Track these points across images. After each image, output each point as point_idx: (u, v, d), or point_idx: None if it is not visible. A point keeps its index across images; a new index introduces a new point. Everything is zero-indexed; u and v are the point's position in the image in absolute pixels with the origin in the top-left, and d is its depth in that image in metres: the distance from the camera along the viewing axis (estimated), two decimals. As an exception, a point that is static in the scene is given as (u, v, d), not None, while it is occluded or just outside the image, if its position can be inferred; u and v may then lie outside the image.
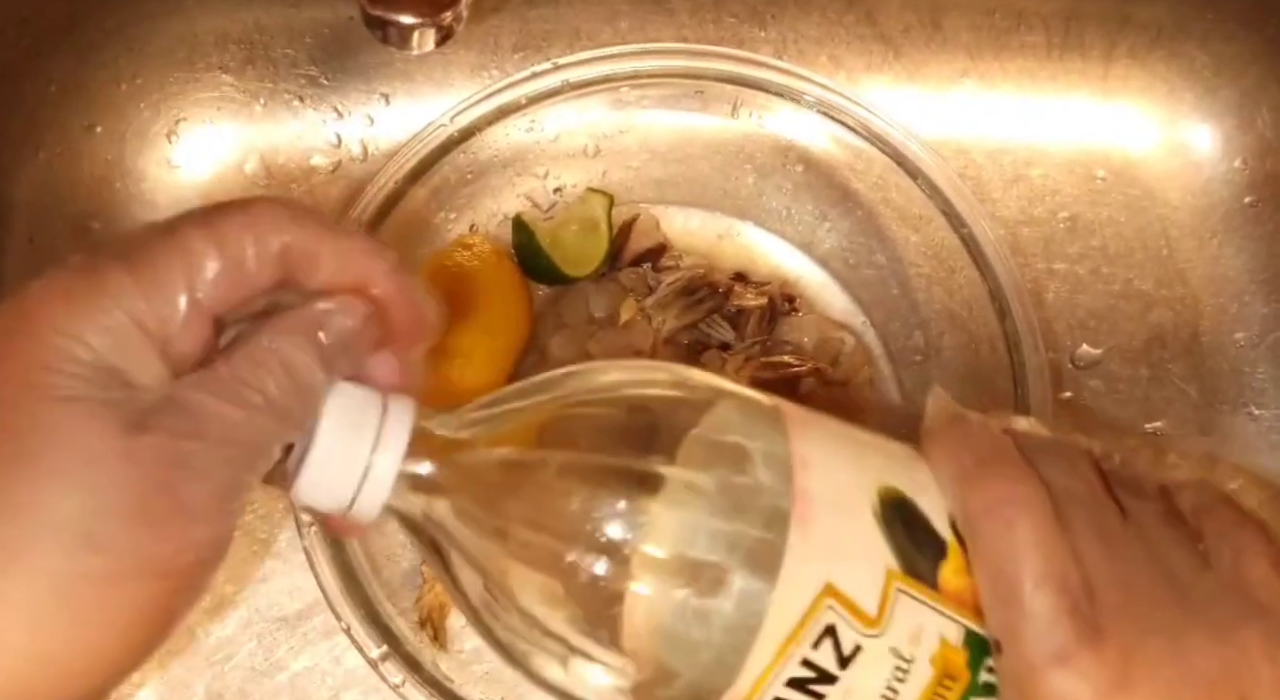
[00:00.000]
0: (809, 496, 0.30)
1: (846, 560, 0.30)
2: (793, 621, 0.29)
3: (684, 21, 0.63)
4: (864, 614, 0.29)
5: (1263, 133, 0.62)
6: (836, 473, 0.31)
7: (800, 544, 0.29)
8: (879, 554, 0.30)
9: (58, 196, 0.59)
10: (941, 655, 0.30)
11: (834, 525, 0.30)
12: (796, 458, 0.30)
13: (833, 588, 0.29)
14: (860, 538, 0.30)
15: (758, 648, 0.29)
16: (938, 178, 0.56)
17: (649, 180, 0.62)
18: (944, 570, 0.30)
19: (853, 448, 0.32)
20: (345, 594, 0.51)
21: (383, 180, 0.56)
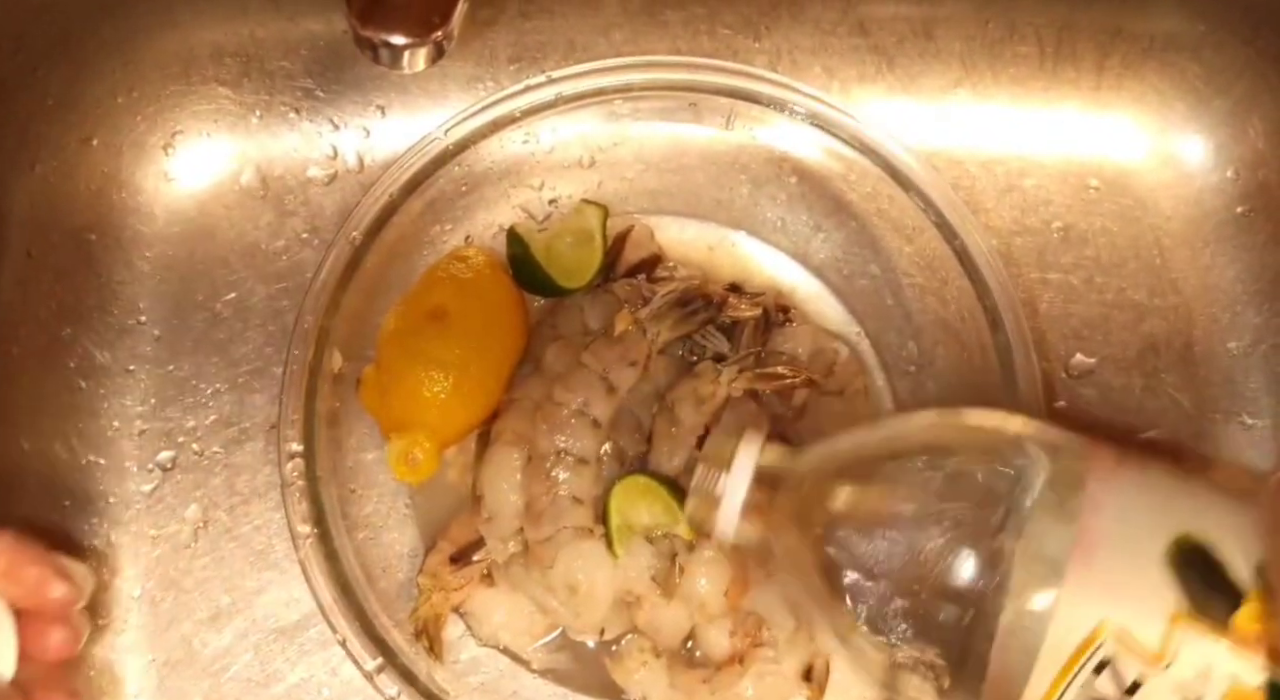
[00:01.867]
0: (1091, 537, 0.33)
1: (1127, 599, 0.33)
2: (1068, 651, 0.33)
3: (678, 33, 0.63)
4: (1144, 650, 0.33)
5: (1254, 143, 0.62)
6: (1129, 517, 0.34)
7: (1077, 581, 0.33)
8: (1164, 596, 0.33)
9: (55, 209, 0.60)
10: (1235, 693, 0.33)
11: (1116, 565, 0.33)
12: (1088, 500, 0.34)
13: (1109, 623, 0.33)
14: (1144, 579, 0.33)
15: (1036, 673, 0.33)
16: (930, 189, 0.56)
17: (643, 191, 0.62)
18: (1243, 615, 0.33)
19: (1160, 495, 0.35)
20: (341, 606, 0.52)
21: (378, 192, 0.56)
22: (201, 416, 0.59)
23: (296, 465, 0.53)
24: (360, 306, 0.56)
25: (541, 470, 0.52)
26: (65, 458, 0.58)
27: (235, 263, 0.61)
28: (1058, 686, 0.34)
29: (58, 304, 0.59)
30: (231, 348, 0.60)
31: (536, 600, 0.54)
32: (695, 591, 0.52)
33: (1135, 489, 0.35)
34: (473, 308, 0.56)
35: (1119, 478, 0.36)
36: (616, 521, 0.52)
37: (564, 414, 0.53)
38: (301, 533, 0.52)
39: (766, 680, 0.53)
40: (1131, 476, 0.36)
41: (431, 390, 0.54)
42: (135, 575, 0.57)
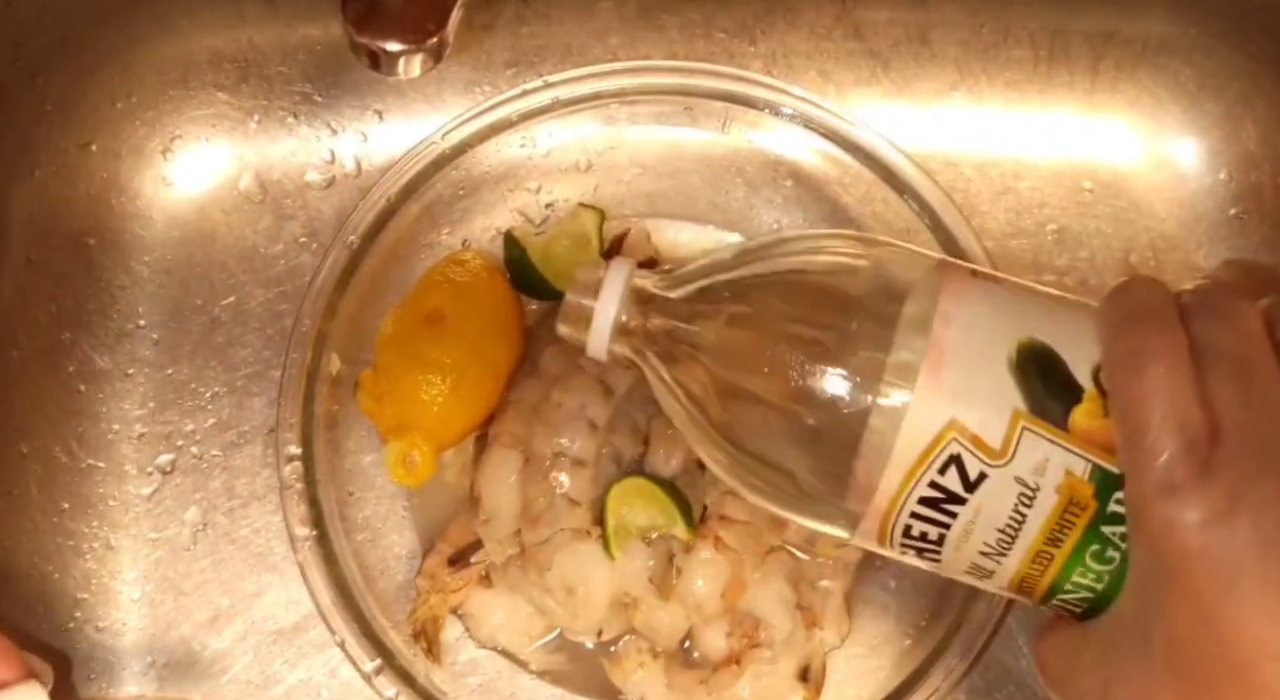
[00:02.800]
0: (940, 346, 0.36)
1: (973, 402, 0.36)
2: (919, 450, 0.36)
3: (674, 38, 0.63)
4: (988, 447, 0.35)
5: (1247, 146, 0.62)
6: (976, 326, 0.37)
7: (927, 387, 0.36)
8: (1007, 397, 0.36)
9: (54, 215, 0.60)
10: (1068, 485, 0.35)
11: (964, 371, 0.36)
12: (939, 312, 0.37)
13: (957, 423, 0.36)
14: (989, 383, 0.36)
15: (888, 471, 0.36)
16: (925, 192, 0.57)
17: (640, 195, 0.62)
18: (1077, 413, 0.35)
19: (1006, 305, 0.38)
20: (340, 607, 0.52)
21: (376, 196, 0.57)
22: (200, 420, 0.59)
23: (295, 468, 0.53)
24: (358, 310, 0.57)
25: (539, 472, 0.53)
26: (65, 461, 0.58)
27: (234, 267, 0.62)
28: (908, 483, 0.36)
29: (57, 308, 0.60)
30: (230, 351, 0.60)
31: (534, 602, 0.54)
32: (692, 592, 0.52)
33: (984, 299, 0.38)
34: (470, 311, 0.56)
35: (970, 290, 0.38)
36: (613, 523, 0.52)
37: (561, 416, 0.53)
38: (300, 535, 0.53)
39: (763, 680, 0.53)
40: (981, 287, 0.38)
41: (429, 393, 0.54)
42: (134, 578, 0.58)
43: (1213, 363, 0.33)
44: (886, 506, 0.37)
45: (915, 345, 0.36)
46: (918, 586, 0.56)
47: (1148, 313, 0.35)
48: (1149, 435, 0.33)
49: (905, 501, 0.37)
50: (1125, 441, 0.34)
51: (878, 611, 0.56)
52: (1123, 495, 0.35)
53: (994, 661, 0.56)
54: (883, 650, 0.56)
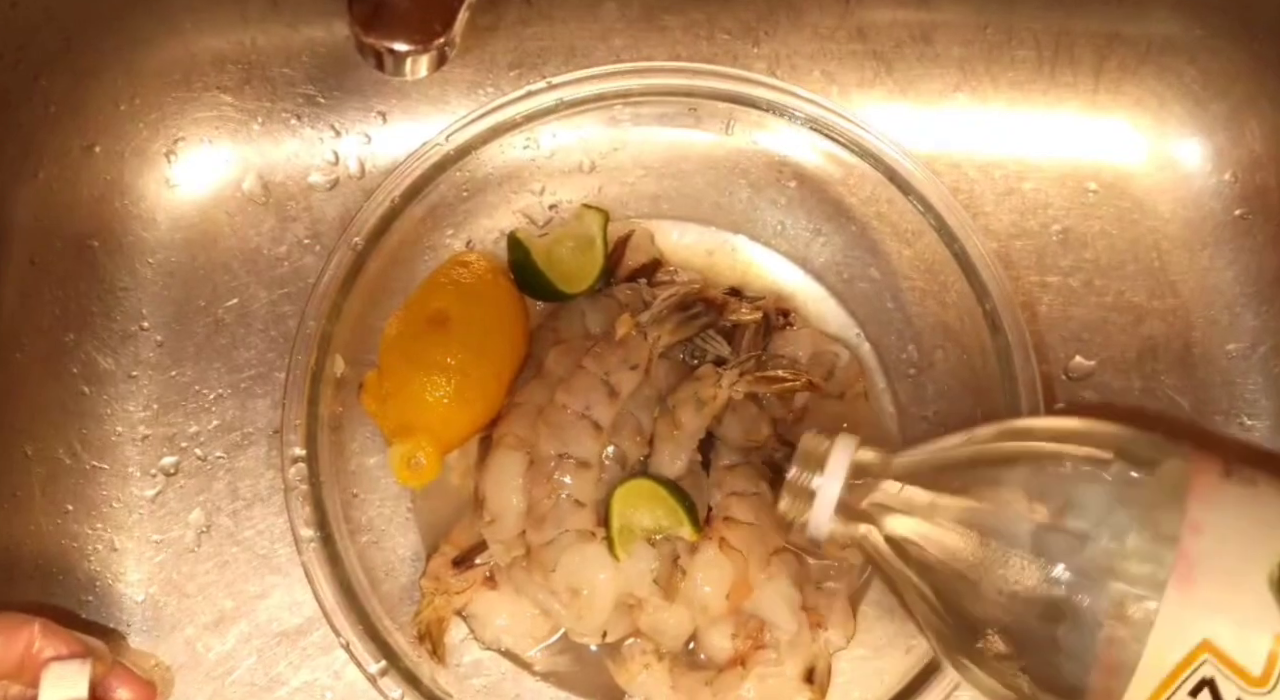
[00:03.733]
0: (1191, 558, 0.34)
1: (1230, 621, 0.33)
2: (1168, 669, 0.33)
3: (678, 39, 0.63)
4: (1246, 673, 0.33)
5: (1252, 146, 0.62)
6: (1232, 538, 0.34)
7: (1177, 602, 0.33)
8: (1269, 618, 0.33)
9: (57, 217, 0.60)
10: None
11: (1219, 587, 0.33)
12: (1189, 520, 0.34)
13: (1211, 644, 0.33)
14: (1248, 601, 0.33)
15: (1132, 689, 0.34)
16: (930, 193, 0.57)
17: (644, 196, 0.62)
18: None
19: (1266, 513, 0.35)
20: (344, 609, 0.52)
21: (380, 198, 0.57)
22: (204, 421, 0.59)
23: (299, 470, 0.53)
24: (362, 312, 0.57)
25: (544, 474, 0.53)
26: (69, 463, 0.58)
27: (237, 268, 0.62)
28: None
29: (61, 310, 0.60)
30: (234, 353, 0.60)
31: (539, 603, 0.54)
32: (697, 594, 0.52)
33: (1239, 505, 0.35)
34: (474, 313, 0.56)
35: (1223, 493, 0.36)
36: (618, 524, 0.52)
37: (566, 418, 0.53)
38: (304, 537, 0.53)
39: (768, 682, 0.53)
40: (1237, 492, 0.36)
41: (434, 395, 0.54)
42: (138, 580, 0.58)
43: None
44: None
45: (1163, 555, 0.34)
46: (923, 588, 0.56)
47: None
48: None
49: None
50: None
51: (883, 613, 0.56)
52: None
53: (999, 663, 0.56)
54: (888, 652, 0.55)
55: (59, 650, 0.47)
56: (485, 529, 0.54)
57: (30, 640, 0.46)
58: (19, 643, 0.46)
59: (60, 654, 0.47)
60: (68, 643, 0.47)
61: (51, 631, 0.47)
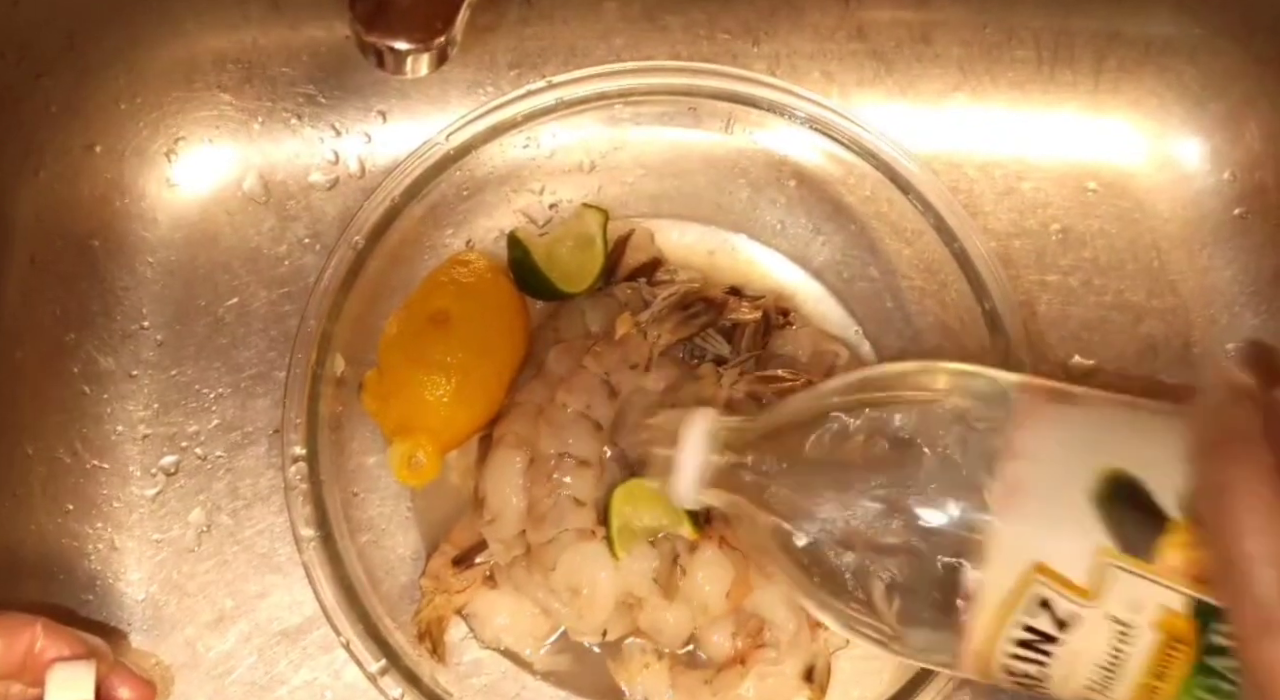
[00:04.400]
0: (1014, 484, 0.35)
1: (1056, 541, 0.34)
2: (1005, 593, 0.35)
3: (677, 38, 0.63)
4: (1075, 587, 0.34)
5: (1251, 146, 0.62)
6: (1052, 459, 0.35)
7: (1006, 528, 0.35)
8: (1091, 534, 0.34)
9: (58, 216, 0.60)
10: (1165, 622, 0.34)
11: (1043, 509, 0.35)
12: (1012, 447, 0.35)
13: (1041, 564, 0.34)
14: (1071, 520, 0.34)
15: (979, 615, 0.35)
16: (929, 192, 0.57)
17: (644, 195, 0.62)
18: (1167, 545, 0.34)
19: (1084, 431, 0.36)
20: (344, 608, 0.52)
21: (380, 197, 0.57)
22: (204, 421, 0.59)
23: (299, 469, 0.53)
24: (362, 311, 0.57)
25: (544, 473, 0.53)
26: (69, 462, 0.58)
27: (238, 268, 0.62)
28: (1000, 626, 0.35)
29: (61, 310, 0.60)
30: (234, 352, 0.60)
31: (539, 602, 0.54)
32: (697, 593, 0.52)
33: (1059, 427, 0.36)
34: (474, 312, 0.56)
35: (1045, 417, 0.37)
36: (618, 523, 0.52)
37: (566, 417, 0.53)
38: (305, 536, 0.53)
39: (768, 681, 0.53)
40: (1057, 413, 0.37)
41: (434, 394, 0.54)
42: (139, 579, 0.58)
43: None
44: (982, 648, 0.36)
45: (991, 484, 0.35)
46: (922, 587, 0.56)
47: (1237, 433, 0.33)
48: (1243, 570, 0.31)
49: (1000, 643, 0.36)
50: (1220, 577, 0.33)
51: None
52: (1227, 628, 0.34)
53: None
54: (887, 651, 0.56)
55: (62, 651, 0.47)
56: (485, 528, 0.54)
57: (32, 640, 0.46)
58: (21, 643, 0.46)
59: (63, 654, 0.47)
60: (70, 643, 0.47)
61: (54, 631, 0.47)
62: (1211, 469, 0.33)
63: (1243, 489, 0.32)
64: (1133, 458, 0.35)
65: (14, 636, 0.46)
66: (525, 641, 0.55)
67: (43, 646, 0.47)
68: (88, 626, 0.52)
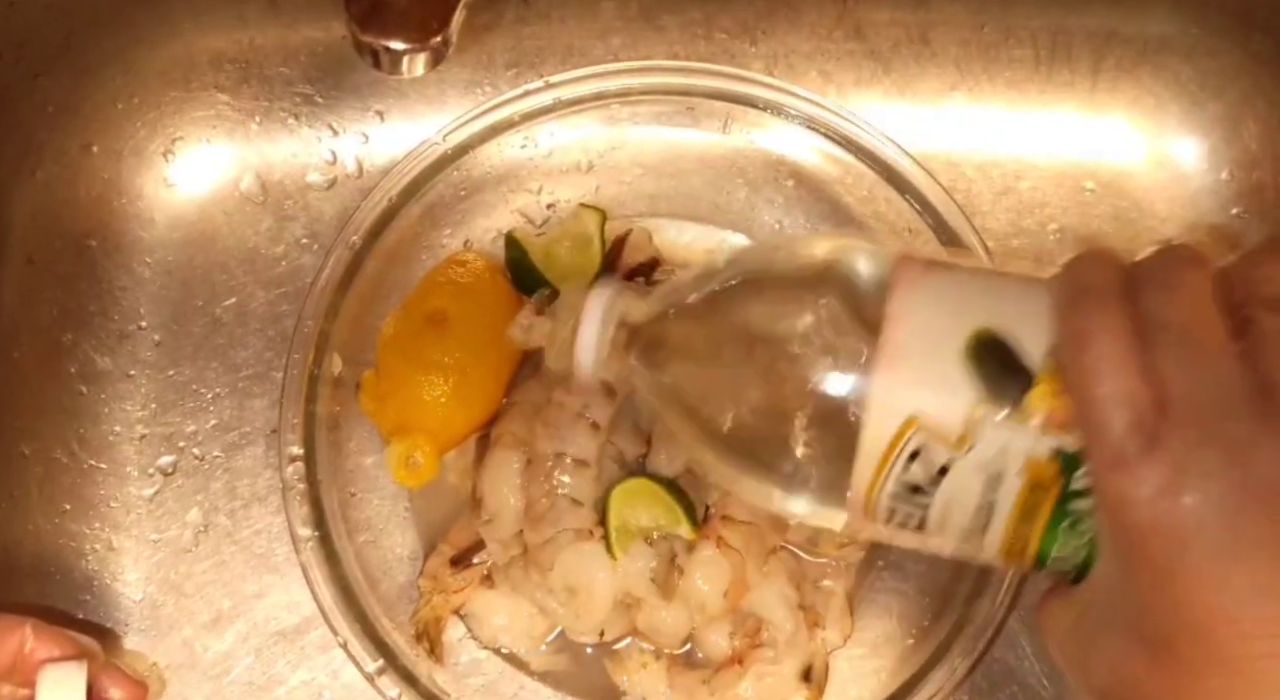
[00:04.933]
0: (893, 342, 0.37)
1: (930, 395, 0.37)
2: (884, 445, 0.37)
3: (675, 38, 0.63)
4: (947, 438, 0.36)
5: (1249, 145, 0.62)
6: (927, 321, 0.37)
7: (885, 381, 0.37)
8: (962, 388, 0.36)
9: (56, 216, 0.60)
10: (1030, 467, 0.36)
11: (918, 366, 0.37)
12: (890, 310, 0.37)
13: (916, 418, 0.36)
14: (944, 375, 0.36)
15: (859, 466, 0.38)
16: (927, 192, 0.57)
17: (642, 195, 0.62)
18: (1033, 395, 0.36)
19: (957, 295, 0.38)
20: (342, 608, 0.52)
21: (378, 197, 0.57)
22: (202, 421, 0.59)
23: (297, 469, 0.53)
24: (360, 311, 0.57)
25: (541, 473, 0.53)
26: (66, 462, 0.58)
27: (235, 268, 0.62)
28: (878, 476, 0.37)
29: (59, 310, 0.60)
30: (232, 353, 0.60)
31: (537, 602, 0.54)
32: (694, 593, 0.52)
33: (934, 291, 0.38)
34: (472, 312, 0.56)
35: (922, 283, 0.39)
36: (616, 523, 0.52)
37: (564, 417, 0.53)
38: (302, 536, 0.53)
39: (766, 681, 0.53)
40: (934, 279, 0.39)
41: (431, 394, 0.54)
42: (136, 579, 0.58)
43: (1156, 334, 0.34)
44: (864, 499, 0.38)
45: (870, 344, 0.37)
46: (920, 587, 0.56)
47: (1094, 289, 0.35)
48: (1097, 412, 0.33)
49: (879, 493, 0.38)
50: (1078, 420, 0.34)
51: (880, 612, 0.56)
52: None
53: (996, 662, 0.56)
54: (885, 650, 0.56)
55: (52, 651, 0.47)
56: (483, 528, 0.54)
57: (22, 641, 0.46)
58: (11, 644, 0.46)
59: (54, 655, 0.47)
60: (60, 643, 0.47)
61: (44, 632, 0.47)
62: (1070, 321, 0.35)
63: (1097, 338, 0.34)
64: (1002, 317, 0.37)
65: (4, 637, 0.46)
66: (523, 641, 0.55)
67: (33, 647, 0.47)
68: (83, 627, 0.52)
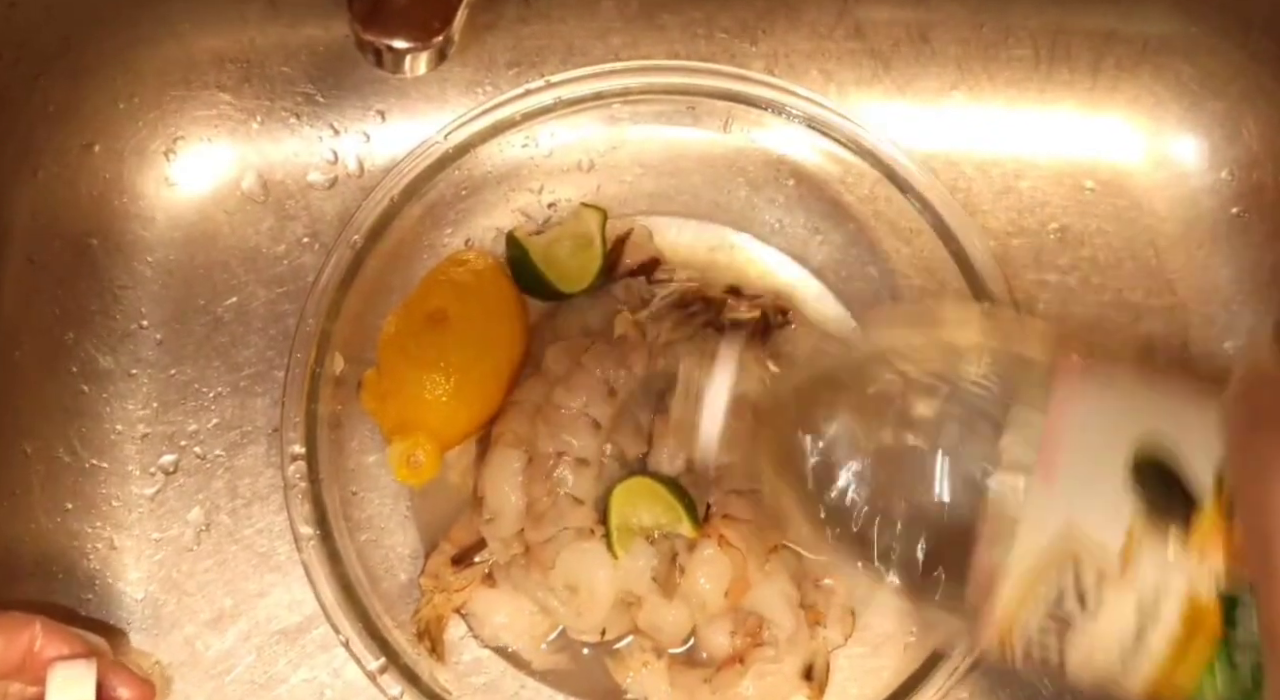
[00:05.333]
0: (1055, 446, 0.34)
1: (1089, 510, 0.33)
2: (1034, 557, 0.34)
3: (675, 37, 0.63)
4: (1103, 558, 0.33)
5: (1249, 145, 0.62)
6: (1093, 425, 0.34)
7: (1043, 489, 0.33)
8: (1124, 506, 0.33)
9: (56, 215, 0.60)
10: (1189, 600, 0.33)
11: (1080, 476, 0.34)
12: (1053, 409, 0.34)
13: (1072, 533, 0.33)
14: (1106, 490, 0.33)
15: (1003, 581, 0.34)
16: (927, 191, 0.57)
17: (642, 194, 0.62)
18: (1200, 522, 0.33)
19: (1124, 401, 0.36)
20: (344, 607, 0.52)
21: (379, 196, 0.57)
22: (203, 420, 0.60)
23: (299, 467, 0.53)
24: (361, 310, 0.57)
25: (542, 471, 0.53)
26: (68, 461, 0.58)
27: (236, 267, 0.62)
28: (1027, 591, 0.34)
29: (60, 309, 0.60)
30: (233, 352, 0.60)
31: (538, 601, 0.54)
32: (695, 591, 0.52)
33: (1100, 393, 0.36)
34: (473, 311, 0.56)
35: (1085, 383, 0.36)
36: (617, 522, 0.52)
37: (565, 415, 0.53)
38: (304, 534, 0.53)
39: (767, 679, 0.53)
40: (1097, 381, 0.36)
41: (433, 393, 0.54)
42: (138, 578, 0.58)
43: None
44: (1003, 618, 0.36)
45: (1029, 445, 0.34)
46: (921, 585, 0.56)
47: (1273, 418, 0.32)
48: (1274, 550, 0.30)
49: (1022, 614, 0.35)
50: (1253, 559, 0.32)
51: (881, 610, 0.56)
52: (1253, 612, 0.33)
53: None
54: (886, 649, 0.56)
55: (61, 649, 0.47)
56: (484, 527, 0.54)
57: (32, 640, 0.47)
58: (20, 642, 0.46)
59: (63, 653, 0.47)
60: (69, 642, 0.47)
61: (53, 630, 0.47)
62: (1246, 451, 0.33)
63: (1277, 470, 0.31)
64: (1171, 431, 0.34)
65: (13, 636, 0.46)
66: (524, 640, 0.55)
67: (42, 646, 0.47)
68: (87, 625, 0.52)
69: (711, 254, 0.62)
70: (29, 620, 0.47)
